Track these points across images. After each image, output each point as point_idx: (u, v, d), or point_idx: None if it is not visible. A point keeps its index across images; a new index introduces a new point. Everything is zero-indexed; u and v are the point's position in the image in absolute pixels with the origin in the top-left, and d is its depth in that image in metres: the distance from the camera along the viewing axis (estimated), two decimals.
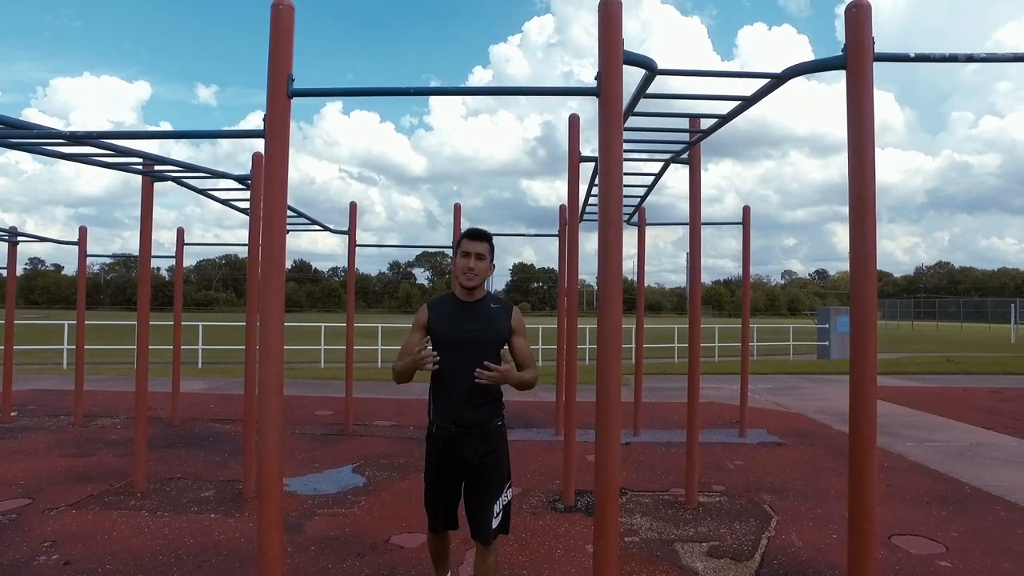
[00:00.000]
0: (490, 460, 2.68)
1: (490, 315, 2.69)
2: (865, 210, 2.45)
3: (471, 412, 2.63)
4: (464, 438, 2.65)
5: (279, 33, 2.48)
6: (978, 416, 8.97)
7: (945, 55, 2.38)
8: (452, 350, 2.61)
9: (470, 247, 2.68)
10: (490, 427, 2.68)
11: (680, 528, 4.39)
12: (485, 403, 2.65)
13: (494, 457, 2.69)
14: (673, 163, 4.98)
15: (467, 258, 2.66)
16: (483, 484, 2.69)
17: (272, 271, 2.45)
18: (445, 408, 2.66)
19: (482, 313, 2.69)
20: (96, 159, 4.40)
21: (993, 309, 48.96)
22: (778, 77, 2.73)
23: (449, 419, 2.65)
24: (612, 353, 2.31)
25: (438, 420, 2.69)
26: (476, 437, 2.66)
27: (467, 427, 2.64)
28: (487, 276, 2.72)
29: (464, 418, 2.63)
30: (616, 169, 2.34)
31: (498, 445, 2.71)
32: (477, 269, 2.66)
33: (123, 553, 3.83)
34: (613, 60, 2.37)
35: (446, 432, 2.66)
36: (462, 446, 2.65)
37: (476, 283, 2.67)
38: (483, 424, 2.66)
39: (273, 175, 2.47)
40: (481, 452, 2.67)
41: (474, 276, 2.66)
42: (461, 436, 2.65)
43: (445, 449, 2.68)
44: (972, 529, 4.39)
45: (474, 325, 2.65)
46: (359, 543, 4.07)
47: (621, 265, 2.33)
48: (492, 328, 2.67)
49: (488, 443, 2.67)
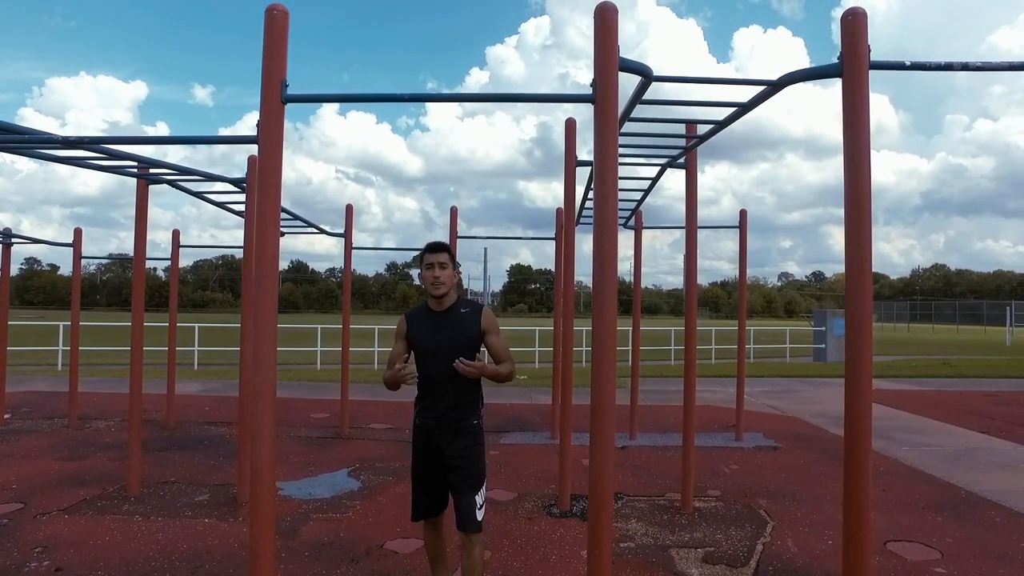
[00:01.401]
0: (466, 454, 2.92)
1: (460, 321, 2.92)
2: (861, 217, 2.45)
3: (449, 411, 2.90)
4: (441, 432, 2.91)
5: (273, 38, 2.47)
6: (973, 420, 8.99)
7: (940, 63, 2.38)
8: (429, 357, 2.89)
9: (432, 259, 2.92)
10: (465, 424, 2.93)
11: (676, 534, 4.38)
12: (462, 403, 2.91)
13: (469, 451, 2.93)
14: (670, 167, 4.98)
15: (431, 269, 2.89)
16: (461, 476, 2.91)
17: (266, 279, 2.43)
18: (426, 406, 2.94)
19: (453, 320, 2.92)
20: (92, 162, 4.38)
21: (989, 312, 49.09)
22: (775, 84, 2.73)
23: (429, 415, 2.93)
24: (607, 360, 2.30)
25: (420, 414, 2.99)
26: (452, 432, 2.90)
27: (445, 423, 2.90)
28: (454, 282, 2.95)
29: (442, 415, 2.89)
30: (612, 176, 2.34)
31: (473, 440, 2.94)
32: (443, 277, 2.89)
33: (115, 559, 3.81)
34: (609, 67, 2.36)
35: (426, 425, 2.94)
36: (439, 438, 2.91)
37: (444, 291, 2.90)
38: (459, 422, 2.91)
39: (267, 182, 2.45)
40: (457, 445, 2.90)
41: (441, 284, 2.90)
42: (439, 430, 2.91)
43: (425, 439, 2.94)
44: (967, 535, 4.38)
45: (446, 333, 2.88)
46: (353, 548, 4.05)
47: (616, 272, 2.32)
48: (463, 334, 2.89)
49: (464, 438, 2.91)
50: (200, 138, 3.18)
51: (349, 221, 7.71)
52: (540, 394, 10.45)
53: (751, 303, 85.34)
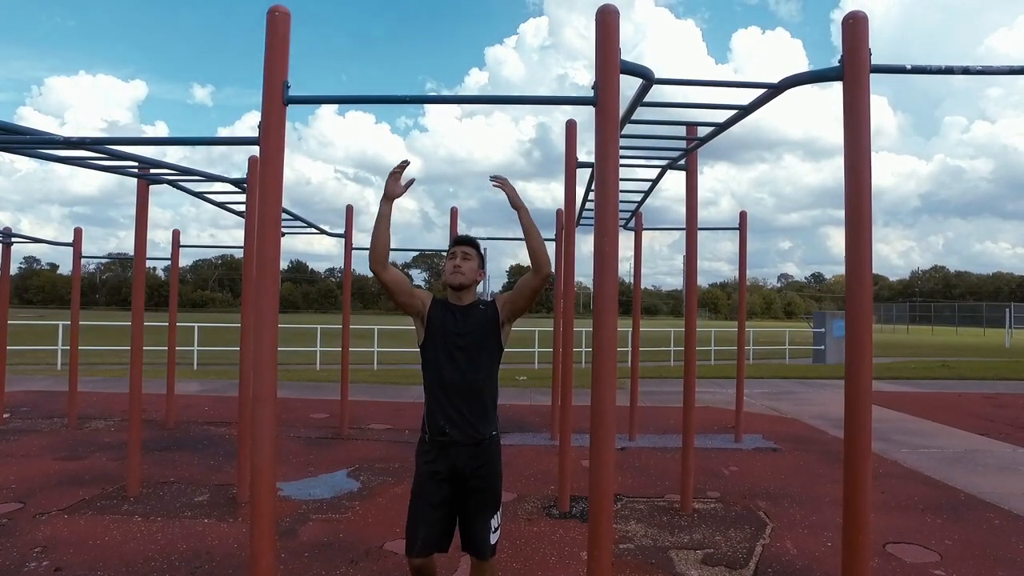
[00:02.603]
0: (485, 472, 2.58)
1: (480, 317, 2.64)
2: (862, 221, 2.45)
3: (469, 421, 2.55)
4: (459, 448, 2.55)
5: (275, 40, 2.47)
6: (973, 422, 8.99)
7: (941, 67, 2.38)
8: (444, 354, 2.56)
9: (456, 249, 2.67)
10: (487, 438, 2.60)
11: (675, 535, 4.38)
12: (482, 412, 2.58)
13: (489, 469, 2.60)
14: (670, 169, 4.98)
15: (453, 258, 2.64)
16: (479, 497, 2.58)
17: (267, 280, 2.43)
18: (438, 414, 2.56)
19: (473, 316, 2.62)
20: (92, 162, 4.39)
21: (988, 314, 49.09)
22: (776, 87, 2.74)
23: (442, 426, 2.55)
24: (607, 364, 2.30)
25: (431, 428, 2.61)
26: (470, 447, 2.56)
27: (464, 436, 2.55)
28: (475, 280, 2.66)
29: (462, 427, 2.54)
30: (613, 179, 2.34)
31: (493, 457, 2.62)
32: (464, 268, 2.62)
33: (115, 559, 3.81)
34: (611, 70, 2.36)
35: (439, 441, 2.56)
36: (456, 457, 2.55)
37: (463, 281, 2.61)
38: (480, 434, 2.57)
39: (268, 184, 2.45)
40: (476, 463, 2.56)
41: (460, 274, 2.61)
42: (456, 445, 2.55)
43: (438, 459, 2.56)
44: (967, 537, 4.39)
45: (466, 328, 2.58)
46: (353, 549, 4.05)
47: (617, 275, 2.32)
48: (483, 328, 2.61)
49: (483, 454, 2.58)
50: (202, 139, 3.18)
51: (349, 221, 7.71)
52: (540, 395, 10.45)
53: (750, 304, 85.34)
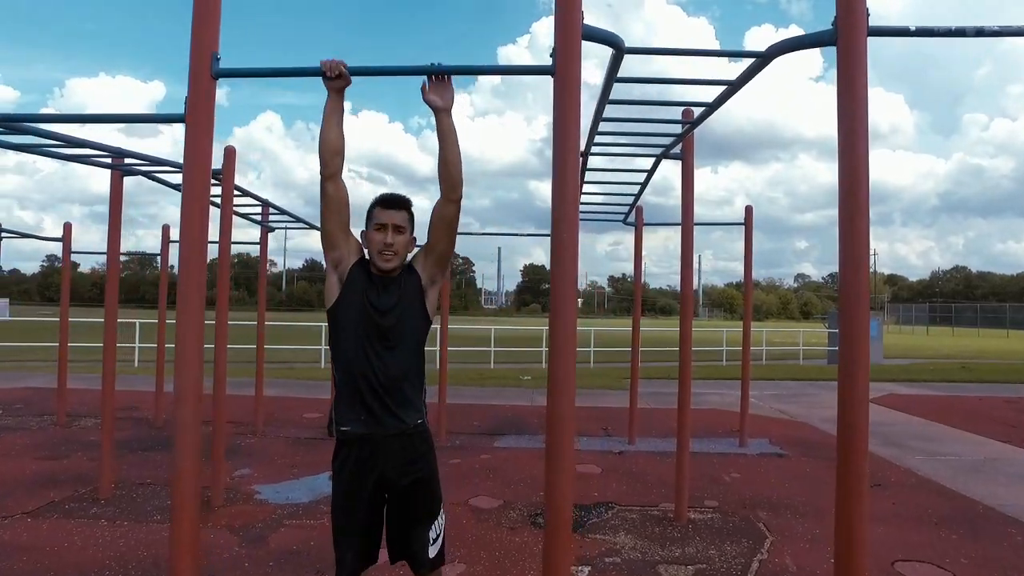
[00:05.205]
0: (418, 472, 2.21)
1: (405, 289, 2.22)
2: (858, 205, 2.16)
3: (394, 411, 2.14)
4: (382, 445, 2.15)
5: (203, 6, 2.24)
6: (994, 428, 8.54)
7: (951, 28, 2.09)
8: (362, 331, 2.14)
9: (385, 217, 2.17)
10: (415, 428, 2.20)
11: (666, 548, 4.10)
12: (409, 398, 2.19)
13: (423, 467, 2.23)
14: (665, 158, 4.70)
15: (382, 231, 2.16)
16: (414, 503, 2.23)
17: (192, 269, 2.21)
18: (361, 410, 2.15)
19: (398, 289, 2.20)
20: (55, 151, 4.20)
21: (1012, 315, 47.79)
22: (763, 56, 2.46)
23: (360, 419, 2.14)
24: (565, 363, 2.04)
25: (346, 422, 2.17)
26: (396, 442, 2.16)
27: (389, 431, 2.15)
28: (408, 253, 2.25)
29: (385, 419, 2.14)
30: (573, 157, 2.08)
31: (426, 450, 2.25)
32: (396, 246, 2.17)
33: (68, 567, 3.61)
34: (571, 34, 2.10)
35: (359, 439, 2.16)
36: (382, 456, 2.15)
37: (395, 264, 2.20)
38: (407, 425, 2.17)
39: (195, 163, 2.23)
40: (405, 462, 2.18)
41: (393, 256, 2.17)
42: (378, 443, 2.15)
43: (359, 462, 2.17)
44: (985, 555, 4.05)
45: (389, 301, 2.17)
46: (321, 559, 3.82)
47: (576, 265, 2.06)
48: (410, 302, 2.21)
49: (413, 448, 2.20)
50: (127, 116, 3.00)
51: None
52: (542, 396, 10.18)
53: (767, 305, 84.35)
